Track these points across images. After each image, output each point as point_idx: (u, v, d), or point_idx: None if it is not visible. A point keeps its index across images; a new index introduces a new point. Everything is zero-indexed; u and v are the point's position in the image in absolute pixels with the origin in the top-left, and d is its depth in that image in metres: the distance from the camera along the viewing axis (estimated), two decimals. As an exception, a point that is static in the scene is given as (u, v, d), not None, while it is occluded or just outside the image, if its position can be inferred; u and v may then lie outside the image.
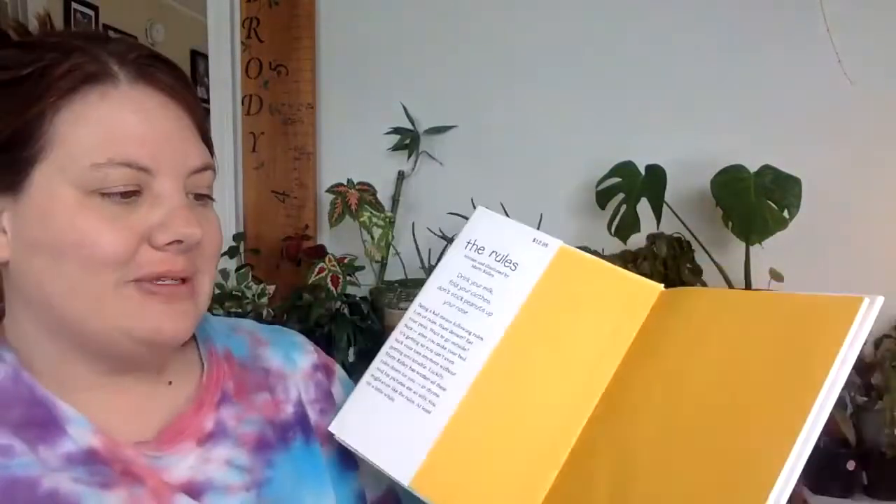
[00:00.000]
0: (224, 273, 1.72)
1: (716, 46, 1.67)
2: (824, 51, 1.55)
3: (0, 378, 0.56)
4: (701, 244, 1.57)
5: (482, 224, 0.65)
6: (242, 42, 1.94)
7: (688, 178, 1.64)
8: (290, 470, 0.64)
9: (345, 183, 1.71)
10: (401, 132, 1.82)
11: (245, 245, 1.88)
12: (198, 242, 0.57)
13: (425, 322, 0.62)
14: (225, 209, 1.91)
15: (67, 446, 0.55)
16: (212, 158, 0.61)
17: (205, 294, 0.60)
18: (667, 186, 1.55)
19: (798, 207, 1.45)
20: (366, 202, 1.69)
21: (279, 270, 1.90)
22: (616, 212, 1.59)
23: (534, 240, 0.62)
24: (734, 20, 1.66)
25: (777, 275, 1.47)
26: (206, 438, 0.60)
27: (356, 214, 1.68)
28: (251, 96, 1.95)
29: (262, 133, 1.95)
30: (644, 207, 1.55)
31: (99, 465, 0.55)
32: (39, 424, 0.55)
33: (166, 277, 0.56)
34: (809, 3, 1.57)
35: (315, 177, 1.93)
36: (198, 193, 0.60)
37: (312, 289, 1.65)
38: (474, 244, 0.64)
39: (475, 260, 0.63)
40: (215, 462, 0.60)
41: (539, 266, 0.61)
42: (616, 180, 1.62)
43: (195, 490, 0.58)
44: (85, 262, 0.54)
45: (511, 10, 1.78)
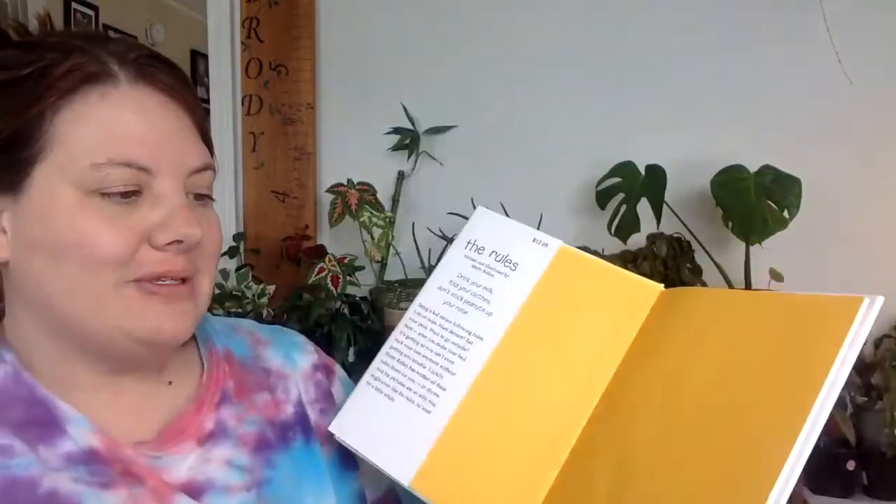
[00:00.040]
0: (224, 273, 1.73)
1: (716, 46, 1.67)
2: (824, 51, 1.55)
3: (0, 378, 0.56)
4: (701, 244, 1.57)
5: (482, 224, 0.64)
6: (242, 42, 1.94)
7: (688, 178, 1.64)
8: (291, 470, 0.63)
9: (345, 183, 1.71)
10: (401, 132, 1.82)
11: (245, 245, 1.88)
12: (198, 242, 0.57)
13: (425, 322, 0.61)
14: (225, 209, 1.91)
15: (67, 446, 0.55)
16: (212, 158, 0.61)
17: (205, 294, 0.60)
18: (667, 186, 1.55)
19: (798, 207, 1.45)
20: (366, 202, 1.69)
21: (279, 270, 1.90)
22: (616, 212, 1.59)
23: (534, 240, 0.62)
24: (734, 20, 1.66)
25: (777, 275, 1.47)
26: (207, 438, 0.60)
27: (356, 214, 1.68)
28: (251, 96, 1.95)
29: (262, 133, 1.95)
30: (644, 207, 1.54)
31: (99, 465, 0.55)
32: (39, 424, 0.55)
33: (166, 277, 0.56)
34: (809, 3, 1.57)
35: (315, 177, 1.93)
36: (198, 193, 0.59)
37: (312, 289, 1.65)
38: (474, 244, 0.63)
39: (475, 260, 0.63)
40: (215, 462, 0.60)
41: (539, 266, 0.61)
42: (616, 180, 1.62)
43: (195, 490, 0.58)
44: (85, 262, 0.54)
45: (511, 10, 1.78)
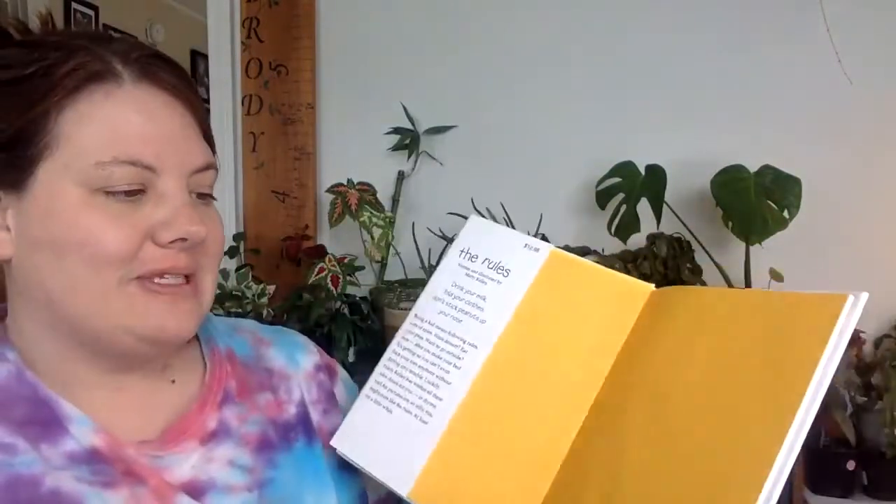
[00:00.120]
0: (224, 273, 1.72)
1: (716, 46, 1.67)
2: (824, 51, 1.55)
3: (3, 376, 0.56)
4: (701, 244, 1.57)
5: (475, 232, 0.64)
6: (242, 42, 1.94)
7: (688, 178, 1.64)
8: (292, 470, 0.63)
9: (345, 183, 1.71)
10: (401, 132, 1.82)
11: (245, 245, 1.88)
12: (202, 240, 0.57)
13: (421, 333, 0.61)
14: (225, 209, 1.91)
15: (70, 445, 0.55)
16: (214, 157, 0.61)
17: (208, 293, 0.60)
18: (667, 186, 1.55)
19: (798, 207, 1.45)
20: (366, 202, 1.69)
21: (279, 270, 1.90)
22: (616, 212, 1.59)
23: (525, 245, 0.62)
24: (734, 20, 1.66)
25: (777, 275, 1.47)
26: (209, 438, 0.60)
27: (356, 214, 1.68)
28: (251, 96, 1.95)
29: (262, 133, 1.95)
30: (644, 207, 1.55)
31: (101, 465, 0.55)
32: (42, 423, 0.55)
33: (169, 273, 0.56)
34: (809, 3, 1.57)
35: (315, 177, 1.93)
36: (200, 192, 0.60)
37: (312, 289, 1.65)
38: (468, 252, 0.63)
39: (469, 268, 0.63)
40: (218, 462, 0.60)
41: (531, 271, 0.61)
42: (616, 180, 1.62)
43: (197, 490, 0.58)
44: (89, 260, 0.54)
45: (511, 10, 1.78)
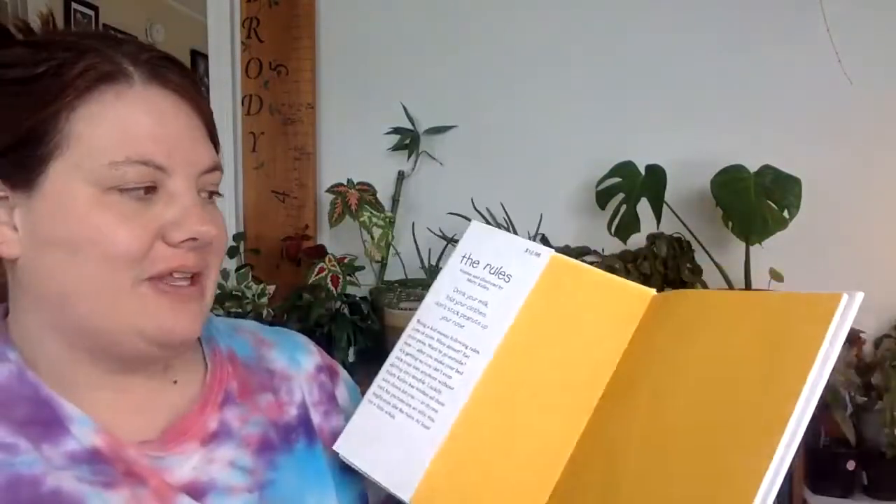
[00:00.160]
0: (224, 273, 1.72)
1: (716, 46, 1.67)
2: (824, 51, 1.55)
3: (4, 376, 0.56)
4: (701, 244, 1.57)
5: (476, 238, 0.65)
6: (242, 42, 1.94)
7: (688, 178, 1.64)
8: (293, 472, 0.64)
9: (345, 183, 1.71)
10: (401, 132, 1.82)
11: (245, 245, 1.88)
12: (211, 241, 0.58)
13: (423, 338, 0.62)
14: (225, 209, 1.91)
15: (71, 445, 0.55)
16: (219, 158, 0.61)
17: (211, 294, 0.61)
18: (667, 186, 1.55)
19: (798, 207, 1.45)
20: (366, 202, 1.69)
21: (279, 270, 1.90)
22: (616, 212, 1.59)
23: (526, 250, 0.62)
24: (734, 20, 1.66)
25: (777, 275, 1.47)
26: (210, 439, 0.61)
27: (356, 214, 1.68)
28: (251, 96, 1.95)
29: (262, 133, 1.95)
30: (644, 207, 1.55)
31: (102, 465, 0.55)
32: (43, 423, 0.55)
33: (179, 272, 0.57)
34: (809, 3, 1.57)
35: (315, 177, 1.93)
36: (207, 191, 0.60)
37: (312, 289, 1.65)
38: (469, 258, 0.64)
39: (470, 274, 0.63)
40: (218, 463, 0.60)
41: (532, 276, 0.61)
42: (616, 180, 1.62)
43: (198, 491, 0.58)
44: (101, 259, 0.54)
45: (511, 10, 1.78)
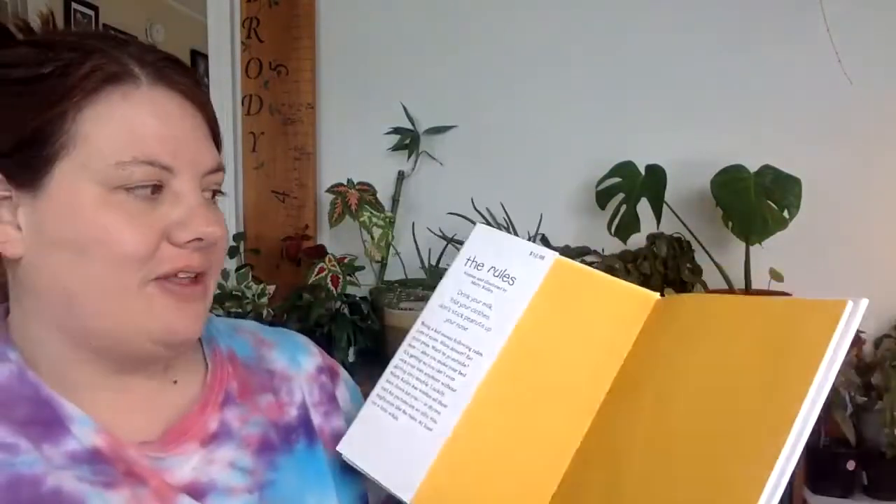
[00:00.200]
0: (224, 273, 1.72)
1: (716, 46, 1.67)
2: (824, 51, 1.55)
3: (5, 376, 0.57)
4: (701, 244, 1.57)
5: (481, 240, 0.65)
6: (242, 42, 1.94)
7: (688, 178, 1.64)
8: (293, 472, 0.64)
9: (345, 183, 1.71)
10: (401, 132, 1.82)
11: (245, 245, 1.88)
12: (216, 241, 0.58)
13: (427, 340, 0.62)
14: (225, 209, 1.90)
15: (71, 445, 0.55)
16: (221, 158, 0.62)
17: (211, 293, 0.61)
18: (667, 186, 1.55)
19: (798, 207, 1.45)
20: (366, 202, 1.69)
21: (279, 270, 1.90)
22: (616, 212, 1.59)
23: (530, 253, 0.63)
24: (734, 20, 1.66)
25: (777, 275, 1.47)
26: (210, 439, 0.61)
27: (356, 214, 1.68)
28: (251, 96, 1.95)
29: (262, 133, 1.95)
30: (644, 207, 1.55)
31: (102, 465, 0.55)
32: (43, 423, 0.55)
33: (183, 272, 0.57)
34: (809, 3, 1.57)
35: (315, 177, 1.93)
36: (210, 191, 0.61)
37: (312, 289, 1.65)
38: (473, 260, 0.64)
39: (474, 276, 0.63)
40: (219, 463, 0.60)
41: (535, 279, 0.61)
42: (616, 180, 1.62)
43: (198, 491, 0.58)
44: (108, 259, 0.54)
45: (511, 10, 1.78)
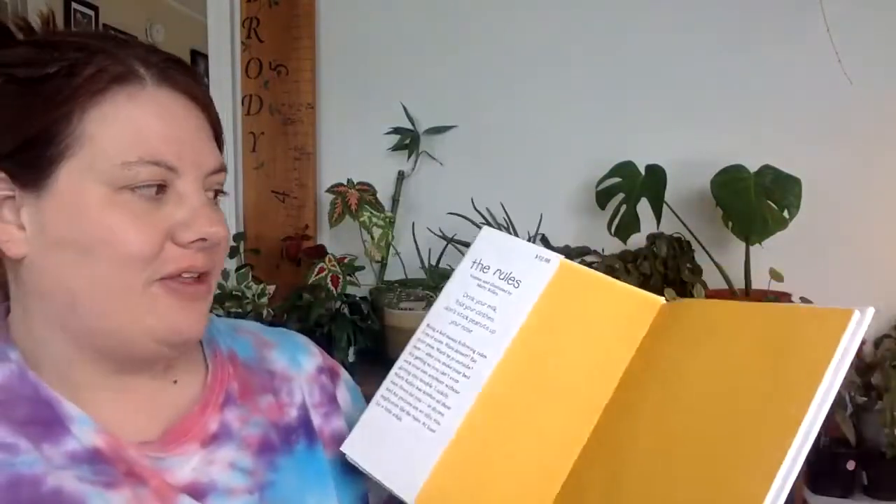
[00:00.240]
0: (224, 273, 1.72)
1: (716, 46, 1.67)
2: (824, 51, 1.55)
3: (6, 376, 0.57)
4: (701, 244, 1.57)
5: (487, 243, 0.65)
6: (242, 42, 1.94)
7: (688, 178, 1.64)
8: (294, 473, 0.64)
9: (345, 183, 1.71)
10: (401, 132, 1.82)
11: (245, 245, 1.88)
12: (220, 241, 0.59)
13: (432, 342, 0.62)
14: (225, 209, 1.89)
15: (71, 445, 0.55)
16: (223, 158, 0.62)
17: (213, 293, 0.62)
18: (667, 186, 1.55)
19: (798, 207, 1.45)
20: (366, 202, 1.69)
21: (279, 270, 1.90)
22: (616, 212, 1.59)
23: (536, 256, 0.63)
24: (734, 20, 1.66)
25: (777, 275, 1.47)
26: (211, 440, 0.61)
27: (356, 214, 1.68)
28: (251, 96, 1.95)
29: (262, 133, 1.95)
30: (644, 207, 1.55)
31: (103, 465, 0.55)
32: (44, 423, 0.55)
33: (188, 272, 0.57)
34: (809, 3, 1.57)
35: (315, 177, 1.93)
36: (212, 191, 0.61)
37: (312, 289, 1.65)
38: (479, 263, 0.64)
39: (480, 279, 0.63)
40: (219, 464, 0.60)
41: (541, 282, 0.61)
42: (616, 180, 1.62)
43: (198, 492, 0.58)
44: (112, 260, 0.54)
45: (511, 10, 1.78)
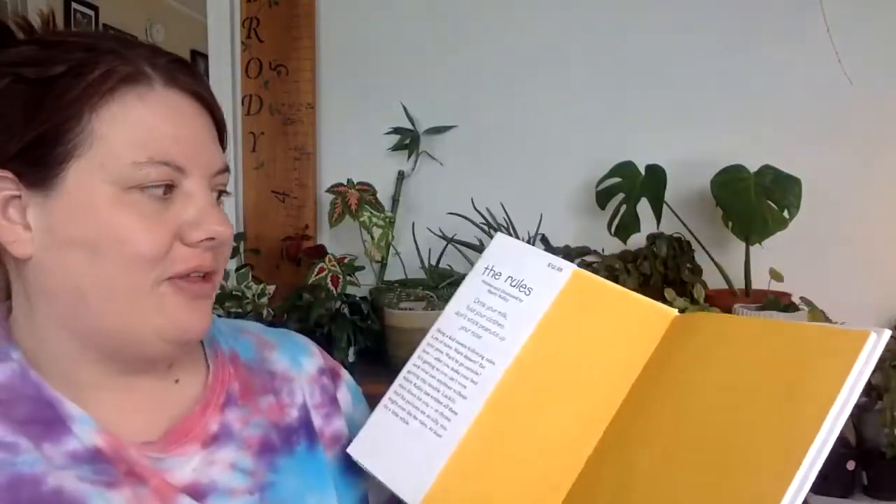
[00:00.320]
0: (224, 273, 1.72)
1: (716, 46, 1.67)
2: (824, 51, 1.55)
3: (7, 375, 0.57)
4: (701, 244, 1.57)
5: (500, 250, 0.65)
6: (242, 42, 1.94)
7: (688, 178, 1.64)
8: (294, 474, 0.64)
9: (345, 183, 1.71)
10: (401, 132, 1.82)
11: (245, 245, 1.88)
12: (227, 240, 0.60)
13: (441, 347, 0.62)
14: (225, 209, 1.90)
15: (72, 444, 0.55)
16: (226, 158, 0.63)
17: (216, 292, 0.62)
18: (667, 186, 1.55)
19: (798, 207, 1.45)
20: (366, 202, 1.69)
21: (279, 270, 1.90)
22: (616, 212, 1.59)
23: (548, 264, 0.63)
24: (734, 20, 1.66)
25: (777, 275, 1.47)
26: (211, 441, 0.61)
27: (356, 214, 1.68)
28: (251, 96, 1.95)
29: (262, 133, 1.95)
30: (644, 207, 1.55)
31: (103, 465, 0.55)
32: (45, 422, 0.55)
33: (195, 272, 0.58)
34: (809, 3, 1.57)
35: (315, 177, 1.93)
36: (217, 191, 0.62)
37: (312, 289, 1.65)
38: (492, 269, 0.64)
39: (492, 285, 0.63)
40: (219, 465, 0.60)
41: (552, 290, 0.61)
42: (616, 180, 1.62)
43: (199, 492, 0.58)
44: (121, 259, 0.55)
45: (511, 10, 1.78)
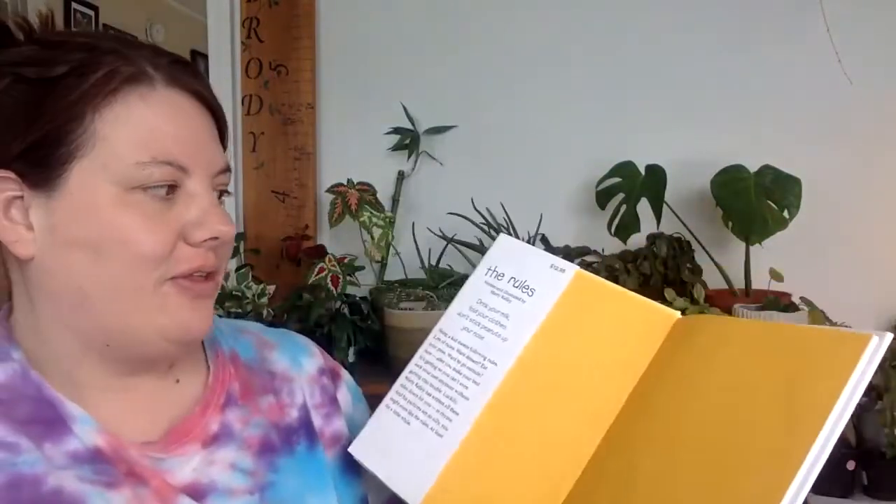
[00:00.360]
0: (224, 273, 1.72)
1: (716, 46, 1.67)
2: (824, 51, 1.55)
3: (8, 375, 0.57)
4: (701, 244, 1.57)
5: (503, 250, 0.65)
6: (242, 42, 1.94)
7: (688, 178, 1.64)
8: (294, 474, 0.64)
9: (345, 183, 1.71)
10: (401, 132, 1.82)
11: (245, 245, 1.88)
12: (230, 239, 0.60)
13: (444, 347, 0.62)
14: (225, 209, 1.91)
15: (73, 444, 0.55)
16: (227, 158, 0.63)
17: (218, 291, 0.62)
18: (667, 186, 1.55)
19: (798, 207, 1.45)
20: (366, 202, 1.69)
21: (279, 270, 1.90)
22: (616, 212, 1.59)
23: (551, 266, 0.63)
24: (734, 20, 1.66)
25: (777, 275, 1.47)
26: (211, 441, 0.61)
27: (356, 214, 1.68)
28: (251, 96, 1.95)
29: (262, 133, 1.95)
30: (644, 207, 1.55)
31: (104, 465, 0.55)
32: (45, 422, 0.55)
33: (200, 272, 0.58)
34: (809, 3, 1.57)
35: (315, 177, 1.93)
36: (218, 191, 0.62)
37: (312, 289, 1.65)
38: (494, 270, 0.64)
39: (494, 286, 0.63)
40: (219, 465, 0.60)
41: (555, 292, 0.61)
42: (616, 180, 1.62)
43: (199, 492, 0.58)
44: (125, 260, 0.55)
45: (511, 10, 1.78)
